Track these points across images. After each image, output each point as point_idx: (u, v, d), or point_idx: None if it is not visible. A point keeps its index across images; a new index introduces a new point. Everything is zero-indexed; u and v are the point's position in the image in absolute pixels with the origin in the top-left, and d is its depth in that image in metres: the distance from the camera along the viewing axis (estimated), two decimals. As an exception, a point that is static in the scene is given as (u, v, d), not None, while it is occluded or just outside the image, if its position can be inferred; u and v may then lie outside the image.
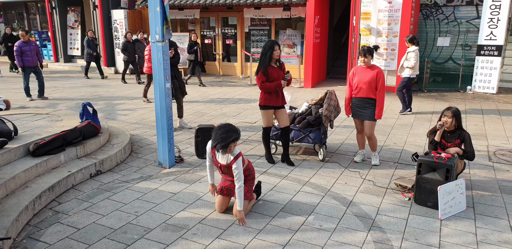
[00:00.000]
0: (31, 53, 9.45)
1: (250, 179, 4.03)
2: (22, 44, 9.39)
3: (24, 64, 9.43)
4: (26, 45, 9.39)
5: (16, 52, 9.29)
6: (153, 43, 5.02)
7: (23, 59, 9.38)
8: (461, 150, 4.48)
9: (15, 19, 19.72)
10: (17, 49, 9.29)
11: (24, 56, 9.37)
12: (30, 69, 9.57)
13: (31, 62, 9.51)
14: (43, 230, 3.72)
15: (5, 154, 4.48)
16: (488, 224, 3.87)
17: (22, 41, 9.43)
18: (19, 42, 9.40)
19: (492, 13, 9.84)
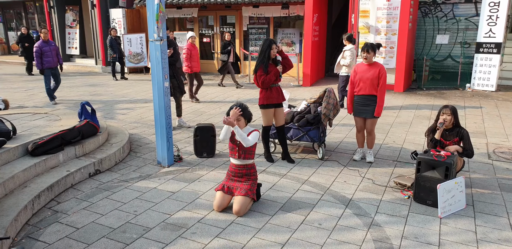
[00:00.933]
0: (51, 54, 8.95)
1: (253, 178, 4.14)
2: (43, 44, 8.84)
3: (43, 66, 8.88)
4: (46, 45, 8.87)
5: (36, 53, 8.76)
6: (151, 42, 5.01)
7: (43, 61, 8.85)
8: (460, 148, 4.49)
9: (13, 18, 19.69)
10: (37, 50, 8.73)
11: (44, 57, 8.84)
12: (50, 71, 9.04)
13: (51, 63, 8.98)
14: (42, 229, 3.72)
15: (4, 154, 4.47)
16: (488, 222, 3.87)
17: (43, 41, 8.87)
18: (39, 43, 8.83)
19: (491, 11, 9.83)
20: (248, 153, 4.08)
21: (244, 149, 4.04)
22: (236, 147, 4.06)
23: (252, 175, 4.15)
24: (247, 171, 4.12)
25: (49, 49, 8.87)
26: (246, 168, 4.11)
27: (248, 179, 4.12)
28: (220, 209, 4.03)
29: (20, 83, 12.24)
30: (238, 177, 4.13)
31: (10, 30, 20.04)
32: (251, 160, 4.12)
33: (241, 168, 4.10)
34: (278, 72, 5.16)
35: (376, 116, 5.30)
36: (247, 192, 3.99)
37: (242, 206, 3.93)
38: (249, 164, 4.12)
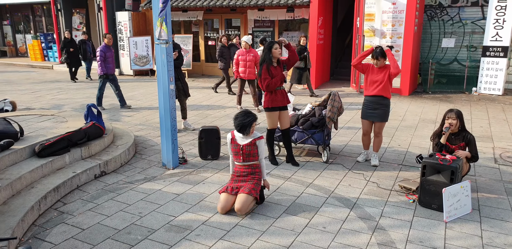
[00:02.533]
0: (112, 60, 8.72)
1: (258, 178, 4.22)
2: (106, 49, 8.56)
3: (107, 71, 8.61)
4: (109, 50, 8.61)
5: (100, 57, 8.45)
6: (157, 45, 5.04)
7: (106, 66, 8.56)
8: (469, 153, 4.47)
9: (21, 21, 19.89)
10: (101, 54, 8.43)
11: (106, 62, 8.56)
12: (110, 76, 8.78)
13: (111, 69, 8.74)
14: (48, 230, 3.74)
15: (11, 155, 4.51)
16: (494, 226, 3.85)
17: (106, 46, 8.61)
18: (103, 47, 8.55)
19: (498, 14, 9.80)
20: (252, 156, 4.17)
21: (248, 152, 4.14)
22: (240, 151, 4.15)
23: (257, 174, 4.22)
24: (252, 170, 4.20)
25: (111, 55, 8.68)
26: (252, 167, 4.20)
27: (252, 178, 4.19)
28: (224, 211, 4.04)
29: (27, 85, 12.35)
30: (243, 176, 4.21)
31: (18, 32, 20.24)
32: (254, 161, 4.21)
33: (246, 167, 4.20)
34: (283, 77, 5.16)
35: (385, 121, 5.29)
36: (251, 191, 4.03)
37: (244, 204, 3.94)
38: (254, 163, 4.21)
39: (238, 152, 4.16)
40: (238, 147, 4.15)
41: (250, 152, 4.13)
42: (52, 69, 16.71)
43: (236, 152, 4.18)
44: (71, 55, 12.72)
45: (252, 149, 4.13)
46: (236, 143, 4.18)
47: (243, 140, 4.17)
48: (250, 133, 4.12)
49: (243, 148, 4.13)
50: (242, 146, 4.13)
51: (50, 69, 16.74)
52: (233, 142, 4.20)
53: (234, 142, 4.20)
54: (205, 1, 12.96)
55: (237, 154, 4.18)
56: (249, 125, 4.06)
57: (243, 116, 4.09)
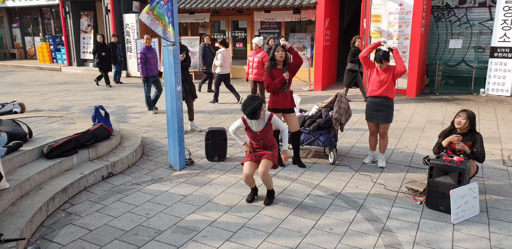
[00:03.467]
0: (154, 61, 8.42)
1: (276, 146, 4.43)
2: (147, 50, 8.27)
3: (148, 74, 8.34)
4: (149, 52, 8.30)
5: (141, 60, 8.19)
6: (164, 47, 5.07)
7: (147, 68, 8.28)
8: (469, 150, 4.42)
9: (30, 24, 20.10)
10: (142, 56, 8.15)
11: (148, 64, 8.25)
12: (152, 79, 8.50)
13: (154, 71, 8.45)
14: (56, 231, 3.78)
15: (20, 156, 4.56)
16: (502, 229, 3.82)
17: (146, 47, 8.31)
18: (143, 49, 8.25)
19: (506, 15, 9.72)
20: (270, 141, 4.35)
21: (266, 136, 4.26)
22: (258, 138, 4.26)
23: (274, 145, 4.40)
24: (271, 143, 4.38)
25: (152, 56, 8.34)
26: (268, 142, 4.38)
27: (271, 146, 4.36)
28: (248, 177, 4.22)
29: (36, 87, 12.47)
30: (261, 150, 4.36)
31: (27, 35, 20.45)
32: (273, 141, 4.41)
33: (264, 144, 4.36)
34: (283, 79, 5.14)
35: (389, 122, 5.28)
36: (272, 157, 4.25)
37: (266, 167, 4.17)
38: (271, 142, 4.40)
39: (256, 138, 4.27)
40: (256, 135, 4.24)
41: (267, 135, 4.25)
42: (60, 71, 16.86)
43: (255, 139, 4.29)
44: (103, 59, 12.24)
45: (268, 132, 4.24)
46: (251, 130, 4.25)
47: (257, 126, 4.22)
48: (262, 116, 4.16)
49: (260, 134, 4.22)
50: (259, 133, 4.22)
51: (58, 71, 16.90)
52: (248, 130, 4.27)
53: (249, 130, 4.27)
54: (212, 3, 13.01)
55: (257, 140, 4.30)
56: (259, 107, 4.11)
57: (250, 101, 4.10)
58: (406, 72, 5.19)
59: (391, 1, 10.15)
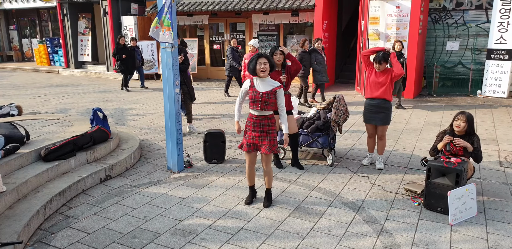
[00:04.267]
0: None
1: (274, 129, 4.20)
2: None
3: None
4: None
5: None
6: (163, 49, 5.08)
7: None
8: (472, 147, 4.42)
9: (27, 26, 20.08)
10: None
11: None
12: None
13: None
14: (53, 234, 3.76)
15: (17, 159, 4.55)
16: (499, 229, 3.83)
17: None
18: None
19: (502, 17, 9.77)
20: (270, 105, 4.08)
21: (267, 100, 4.04)
22: (259, 99, 4.03)
23: (273, 125, 4.18)
24: (268, 120, 4.13)
25: None
26: (268, 118, 4.12)
27: (269, 130, 4.14)
28: (253, 165, 4.32)
29: (33, 89, 12.45)
30: (259, 127, 4.12)
31: (24, 37, 20.43)
32: (271, 111, 4.14)
33: (262, 118, 4.10)
34: (280, 81, 5.14)
35: (387, 124, 5.30)
36: (272, 148, 4.15)
37: (269, 162, 4.22)
38: (269, 114, 4.14)
39: (257, 99, 4.03)
40: (258, 94, 4.03)
41: (269, 100, 4.03)
42: (58, 73, 16.84)
43: (255, 99, 4.04)
44: (124, 62, 11.82)
45: (271, 98, 4.03)
46: (255, 89, 4.08)
47: (263, 87, 4.07)
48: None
49: (262, 95, 4.01)
50: (262, 93, 4.02)
51: (56, 73, 16.88)
52: (252, 89, 4.09)
53: (253, 88, 4.09)
54: (210, 6, 13.03)
55: (256, 101, 4.04)
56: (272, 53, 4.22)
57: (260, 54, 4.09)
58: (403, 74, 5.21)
59: (388, 3, 10.19)
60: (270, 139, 4.14)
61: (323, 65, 9.54)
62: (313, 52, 9.44)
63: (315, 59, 9.40)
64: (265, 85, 4.08)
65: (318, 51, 9.50)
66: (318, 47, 9.50)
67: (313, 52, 9.45)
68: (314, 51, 9.47)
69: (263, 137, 4.13)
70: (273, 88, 4.06)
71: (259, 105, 4.03)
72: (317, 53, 9.45)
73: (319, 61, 9.42)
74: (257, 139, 4.14)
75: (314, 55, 9.42)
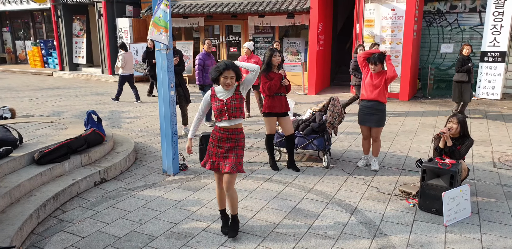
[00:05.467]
0: None
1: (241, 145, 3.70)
2: (206, 56, 7.66)
3: (204, 82, 7.62)
4: (208, 58, 7.67)
5: (199, 66, 7.57)
6: (158, 51, 5.07)
7: (204, 76, 7.56)
8: (452, 142, 4.48)
9: (21, 28, 19.97)
10: (200, 62, 7.54)
11: (205, 71, 7.55)
12: (208, 87, 7.53)
13: None
14: (47, 238, 3.73)
15: (10, 162, 4.51)
16: (493, 230, 3.84)
17: (206, 53, 7.70)
18: (202, 55, 7.66)
19: (495, 20, 9.85)
20: (238, 110, 3.59)
21: (234, 106, 3.56)
22: (225, 107, 3.56)
23: (241, 140, 3.68)
24: (237, 135, 3.64)
25: (211, 63, 7.71)
26: (236, 133, 3.63)
27: (236, 146, 3.64)
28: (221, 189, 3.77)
29: (27, 92, 12.38)
30: (225, 142, 3.62)
31: (18, 39, 20.33)
32: (241, 118, 3.65)
33: (231, 132, 3.61)
34: (281, 76, 5.22)
35: (381, 126, 5.32)
36: (237, 167, 3.62)
37: (231, 184, 3.66)
38: (239, 125, 3.65)
39: (222, 108, 3.54)
40: (222, 103, 3.55)
41: (236, 105, 3.55)
42: (52, 76, 16.76)
43: (220, 109, 3.55)
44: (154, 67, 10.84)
45: (237, 102, 3.57)
46: (217, 98, 3.59)
47: (226, 95, 3.60)
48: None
49: (227, 102, 3.55)
50: (226, 100, 3.55)
51: (50, 76, 16.80)
52: (214, 99, 3.61)
53: (215, 98, 3.61)
54: (205, 8, 13.04)
55: (221, 111, 3.55)
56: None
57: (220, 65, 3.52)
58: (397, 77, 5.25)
59: (383, 6, 10.25)
60: (236, 156, 3.63)
61: None
62: None
63: None
64: (228, 92, 3.61)
65: None
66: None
67: None
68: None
69: (228, 154, 3.63)
70: (236, 90, 3.62)
71: (226, 115, 3.55)
72: None
73: None
74: (221, 155, 3.65)
75: None
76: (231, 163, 3.60)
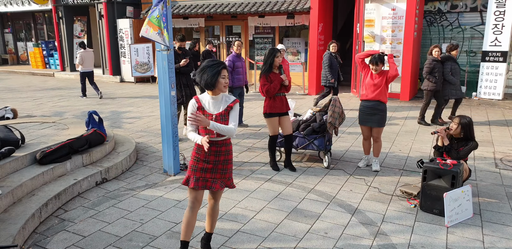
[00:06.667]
0: (243, 71, 7.51)
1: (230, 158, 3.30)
2: (236, 58, 7.41)
3: (233, 84, 7.39)
4: (239, 60, 7.44)
5: (228, 68, 7.41)
6: (159, 52, 5.08)
7: (234, 78, 7.38)
8: (448, 140, 4.50)
9: (22, 29, 20.02)
10: (230, 64, 7.27)
11: (235, 73, 7.36)
12: (238, 90, 7.56)
13: (241, 81, 7.49)
14: (49, 237, 3.74)
15: (13, 162, 4.52)
16: (495, 231, 3.84)
17: (236, 55, 7.46)
18: (232, 56, 7.42)
19: (497, 19, 9.84)
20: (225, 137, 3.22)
21: (224, 123, 3.15)
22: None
23: (230, 153, 3.29)
24: (226, 147, 3.24)
25: (241, 65, 7.49)
26: (225, 144, 3.24)
27: (225, 160, 3.25)
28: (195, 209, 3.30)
29: (28, 93, 12.40)
30: (214, 156, 3.20)
31: (19, 40, 20.37)
32: None
33: (220, 145, 3.20)
34: (281, 80, 5.20)
35: (382, 126, 5.32)
36: (226, 183, 3.32)
37: (219, 199, 3.43)
38: (227, 139, 3.25)
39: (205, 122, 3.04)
40: (210, 118, 3.12)
41: (225, 123, 3.14)
42: (53, 76, 16.79)
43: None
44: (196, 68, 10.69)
45: (227, 120, 3.16)
46: (205, 112, 3.16)
47: (215, 107, 3.16)
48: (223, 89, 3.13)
49: (216, 118, 3.13)
50: (216, 115, 3.13)
51: (52, 76, 16.83)
52: (201, 112, 3.16)
53: (202, 111, 3.17)
54: (206, 8, 13.05)
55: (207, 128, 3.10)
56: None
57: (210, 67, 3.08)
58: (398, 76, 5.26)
59: (384, 6, 10.25)
60: (225, 171, 3.26)
61: (459, 76, 7.92)
62: (447, 61, 7.79)
63: (450, 69, 7.75)
64: (217, 104, 3.16)
65: (454, 58, 7.87)
66: (454, 54, 7.88)
67: (447, 60, 7.79)
68: (449, 59, 7.82)
69: (217, 169, 3.23)
70: (228, 105, 3.16)
71: (214, 132, 3.12)
72: (453, 62, 7.83)
73: (455, 72, 7.80)
74: (209, 171, 3.21)
75: (449, 64, 7.77)
76: (220, 179, 3.25)
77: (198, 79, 3.12)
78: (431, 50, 7.87)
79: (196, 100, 3.21)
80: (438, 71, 7.70)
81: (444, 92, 7.88)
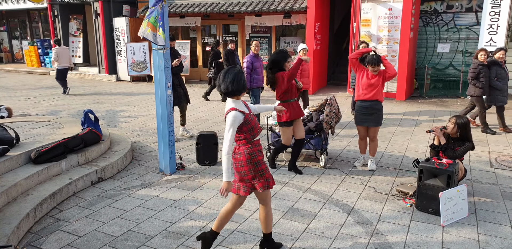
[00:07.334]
0: (261, 71, 7.40)
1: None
2: (254, 58, 7.31)
3: (252, 85, 7.33)
4: (257, 60, 7.33)
5: (247, 69, 7.19)
6: (155, 51, 5.06)
7: (253, 78, 7.29)
8: (445, 139, 4.51)
9: (17, 27, 19.89)
10: (248, 65, 7.17)
11: (254, 74, 7.28)
12: (257, 91, 7.49)
13: (260, 81, 7.43)
14: (44, 237, 3.72)
15: (7, 162, 4.49)
16: (490, 230, 3.86)
17: (253, 55, 7.33)
18: (250, 57, 7.32)
19: (492, 20, 9.88)
20: None
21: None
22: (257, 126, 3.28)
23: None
24: None
25: (259, 65, 7.37)
26: None
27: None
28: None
29: (23, 91, 12.33)
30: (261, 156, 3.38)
31: (14, 38, 20.24)
32: None
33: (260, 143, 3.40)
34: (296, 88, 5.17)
35: (379, 125, 5.33)
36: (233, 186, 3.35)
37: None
38: None
39: (257, 127, 3.23)
40: (254, 122, 3.26)
41: None
42: (48, 75, 16.69)
43: (256, 125, 3.24)
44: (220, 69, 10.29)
45: None
46: (250, 114, 3.29)
47: (245, 108, 3.31)
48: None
49: (256, 120, 3.34)
50: (252, 115, 3.32)
51: (47, 75, 16.73)
52: (248, 116, 3.22)
53: (249, 119, 3.22)
54: (202, 7, 13.02)
55: (256, 126, 3.23)
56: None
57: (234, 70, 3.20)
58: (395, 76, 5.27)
59: (380, 5, 10.27)
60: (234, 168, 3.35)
61: (505, 81, 7.46)
62: (493, 65, 7.40)
63: (496, 74, 7.37)
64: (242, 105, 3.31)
65: (500, 63, 7.46)
66: (500, 58, 7.44)
67: (493, 65, 7.40)
68: (495, 63, 7.41)
69: None
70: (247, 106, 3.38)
71: (259, 128, 3.28)
72: (499, 67, 7.42)
73: (501, 77, 7.39)
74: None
75: (494, 68, 7.38)
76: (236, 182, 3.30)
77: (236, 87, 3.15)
78: (477, 53, 7.44)
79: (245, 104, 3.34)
80: (484, 76, 7.27)
81: (491, 98, 7.46)
